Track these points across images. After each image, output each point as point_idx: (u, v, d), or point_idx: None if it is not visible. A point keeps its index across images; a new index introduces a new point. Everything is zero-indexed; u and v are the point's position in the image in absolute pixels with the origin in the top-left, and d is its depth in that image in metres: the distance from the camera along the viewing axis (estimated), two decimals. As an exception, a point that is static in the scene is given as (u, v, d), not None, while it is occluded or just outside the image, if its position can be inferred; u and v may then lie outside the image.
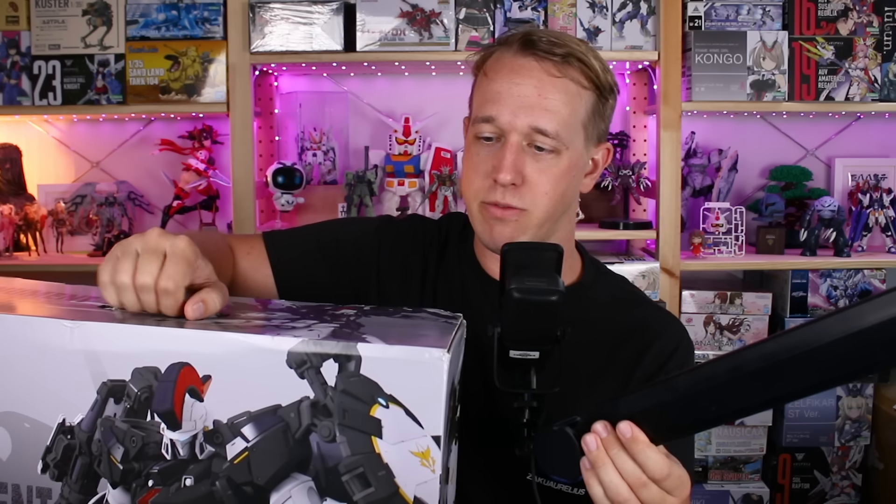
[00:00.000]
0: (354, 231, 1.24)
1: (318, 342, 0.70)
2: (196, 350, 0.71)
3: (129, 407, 0.72)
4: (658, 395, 0.78)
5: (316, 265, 1.20)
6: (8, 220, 2.32)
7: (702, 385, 0.74)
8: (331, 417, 0.69)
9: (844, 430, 2.40)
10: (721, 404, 0.73)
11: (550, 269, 0.85)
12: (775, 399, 0.70)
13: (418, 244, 1.22)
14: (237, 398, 0.70)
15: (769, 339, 0.69)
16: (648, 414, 0.78)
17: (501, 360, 0.86)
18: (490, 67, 1.10)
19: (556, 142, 1.06)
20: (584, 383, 1.07)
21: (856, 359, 0.64)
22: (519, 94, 1.05)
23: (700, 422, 0.78)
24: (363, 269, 1.20)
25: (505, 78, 1.07)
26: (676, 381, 0.77)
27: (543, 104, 1.05)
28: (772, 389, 0.69)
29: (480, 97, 1.10)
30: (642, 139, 2.50)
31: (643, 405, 0.78)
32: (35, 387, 0.73)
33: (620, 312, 1.17)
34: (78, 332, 0.72)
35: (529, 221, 1.08)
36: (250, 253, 1.19)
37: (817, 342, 0.64)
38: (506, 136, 1.06)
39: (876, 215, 2.36)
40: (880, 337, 0.62)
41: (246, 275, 1.17)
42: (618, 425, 0.79)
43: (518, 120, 1.05)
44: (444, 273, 1.20)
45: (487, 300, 1.12)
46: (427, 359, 0.69)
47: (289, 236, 1.24)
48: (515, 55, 1.08)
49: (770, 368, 0.68)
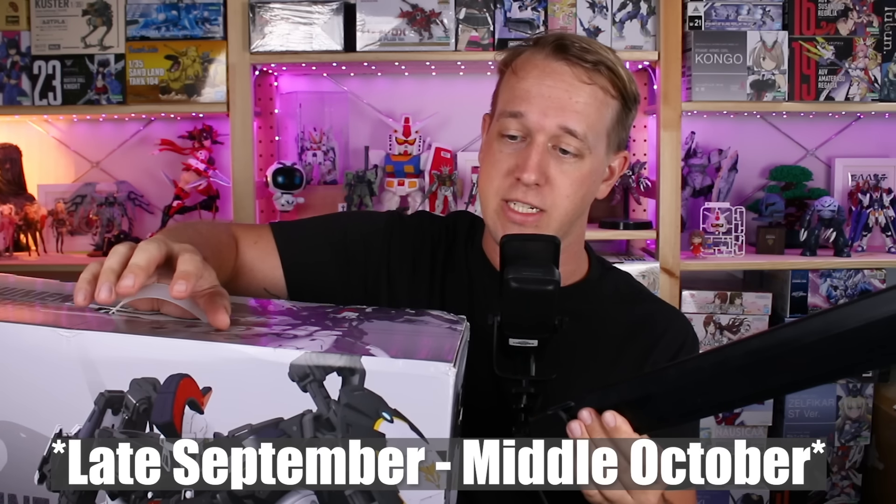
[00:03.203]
0: (364, 226, 1.24)
1: (321, 355, 0.69)
2: (196, 361, 0.71)
3: (127, 418, 0.71)
4: (647, 385, 0.81)
5: (326, 260, 1.19)
6: (8, 220, 2.31)
7: (689, 377, 0.77)
8: (334, 431, 0.69)
9: (844, 430, 2.40)
10: (707, 396, 0.76)
11: (547, 260, 0.87)
12: (759, 394, 0.74)
13: (427, 240, 1.23)
14: (238, 410, 0.70)
15: (755, 336, 0.71)
16: (637, 402, 0.81)
17: (501, 347, 0.89)
18: (520, 66, 1.12)
19: (582, 144, 1.07)
20: (592, 376, 1.08)
21: (836, 359, 0.66)
22: (549, 94, 1.07)
23: (687, 412, 0.81)
24: (373, 265, 1.20)
25: (536, 78, 1.09)
26: (665, 373, 0.79)
27: (573, 106, 1.07)
28: (756, 384, 0.71)
29: (509, 94, 1.11)
30: (642, 139, 2.50)
31: (633, 394, 0.81)
32: (31, 396, 0.73)
33: (627, 307, 1.20)
34: (75, 341, 0.71)
35: (549, 223, 1.10)
36: (258, 242, 1.18)
37: (800, 341, 0.66)
38: (532, 136, 1.08)
39: (876, 215, 2.36)
40: (860, 339, 0.63)
41: (252, 265, 1.16)
42: (603, 414, 0.81)
43: (547, 120, 1.07)
44: (452, 269, 1.21)
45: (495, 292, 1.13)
46: (433, 373, 0.68)
47: (298, 228, 1.24)
48: (547, 57, 1.10)
49: (754, 364, 0.70)
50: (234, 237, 1.17)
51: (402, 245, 1.22)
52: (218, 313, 0.76)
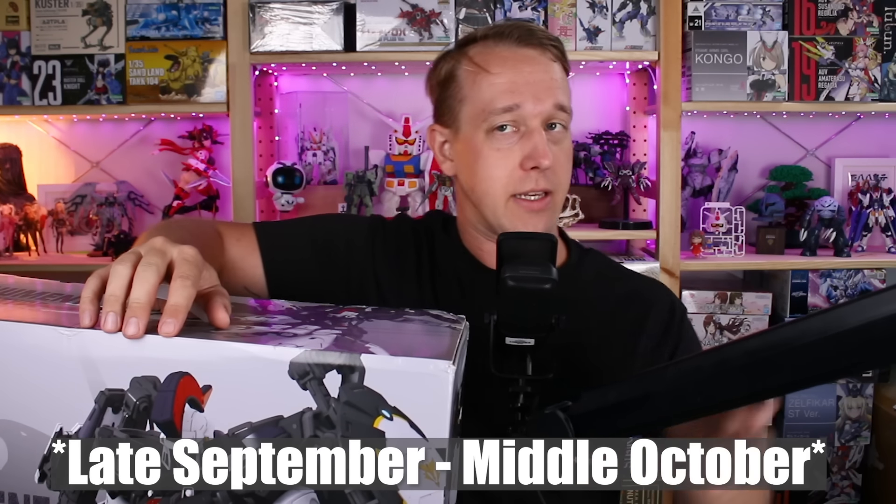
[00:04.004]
0: (347, 229, 1.24)
1: (320, 353, 0.69)
2: (196, 359, 0.71)
3: (127, 416, 0.71)
4: (646, 385, 0.80)
5: (307, 258, 1.19)
6: (8, 220, 2.32)
7: (688, 377, 0.76)
8: (333, 429, 0.69)
9: (844, 430, 2.40)
10: (706, 396, 0.76)
11: (544, 258, 0.87)
12: (759, 394, 0.74)
13: (410, 243, 1.23)
14: (238, 408, 0.70)
15: (755, 335, 0.71)
16: (636, 402, 0.80)
17: (498, 346, 0.88)
18: (487, 63, 1.13)
19: (568, 116, 1.13)
20: (588, 357, 1.11)
21: (836, 359, 0.66)
22: (534, 79, 1.11)
23: (686, 412, 0.80)
24: (356, 267, 1.20)
25: (512, 69, 1.11)
26: (664, 372, 0.79)
27: (556, 83, 1.12)
28: (755, 384, 0.71)
29: (489, 92, 1.12)
30: (642, 139, 2.50)
31: (631, 394, 0.81)
32: (32, 395, 0.73)
33: (610, 286, 1.23)
34: (75, 339, 0.71)
35: (555, 203, 1.14)
36: (240, 240, 1.18)
37: (799, 341, 0.66)
38: (526, 124, 1.10)
39: (876, 215, 2.36)
40: (860, 339, 0.63)
41: (235, 262, 1.16)
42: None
43: (541, 104, 1.10)
44: (439, 271, 1.21)
45: (488, 290, 1.13)
46: (432, 371, 0.68)
47: (281, 229, 1.24)
48: (517, 47, 1.13)
49: (754, 364, 0.70)
50: (219, 234, 1.17)
51: (386, 248, 1.22)
52: (218, 312, 0.76)
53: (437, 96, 1.20)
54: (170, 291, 0.73)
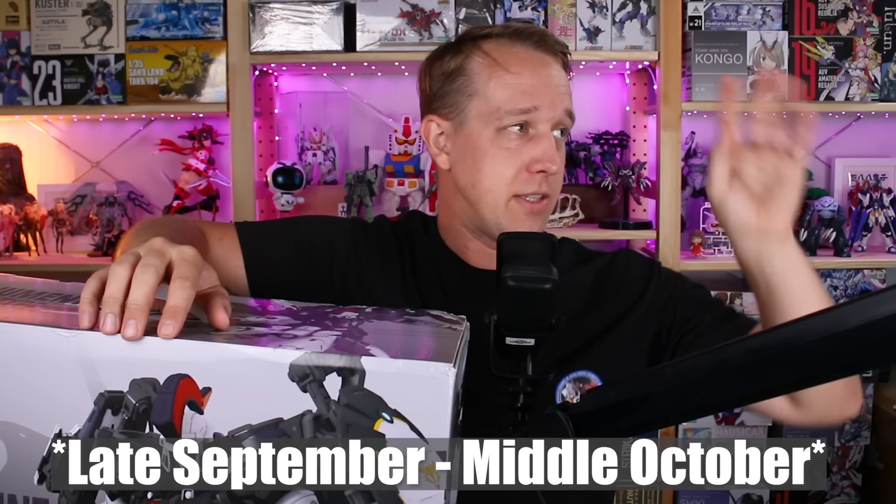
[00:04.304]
0: (330, 230, 1.24)
1: (320, 355, 0.69)
2: (195, 361, 0.70)
3: (127, 418, 0.71)
4: (645, 384, 0.80)
5: (289, 256, 1.19)
6: (8, 220, 2.32)
7: (688, 377, 0.76)
8: (334, 432, 0.69)
9: (844, 430, 2.40)
10: (706, 396, 0.75)
11: (545, 258, 0.87)
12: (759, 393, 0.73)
13: (392, 244, 1.23)
14: (238, 411, 0.70)
15: (755, 335, 0.71)
16: (636, 402, 0.80)
17: (498, 346, 0.88)
18: (505, 60, 1.13)
19: (573, 123, 1.16)
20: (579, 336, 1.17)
21: (836, 359, 0.65)
22: (551, 84, 1.13)
23: (686, 412, 0.80)
24: (339, 268, 1.20)
25: (531, 70, 1.13)
26: (664, 372, 0.79)
27: (567, 90, 1.15)
28: (755, 384, 0.71)
29: (507, 91, 1.12)
30: (642, 139, 2.50)
31: (631, 393, 0.81)
32: (31, 397, 0.72)
33: (584, 267, 1.25)
34: (74, 341, 0.71)
35: (550, 206, 1.16)
36: (223, 240, 1.18)
37: (799, 341, 0.66)
38: (536, 127, 1.12)
39: (876, 215, 2.36)
40: (860, 339, 0.63)
41: (217, 262, 1.15)
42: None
43: (555, 109, 1.12)
44: (421, 270, 1.21)
45: (473, 290, 1.15)
46: (433, 373, 0.68)
47: (263, 229, 1.24)
48: (534, 50, 1.14)
49: (754, 364, 0.70)
50: (202, 234, 1.16)
51: (370, 250, 1.22)
52: (218, 313, 0.76)
53: (440, 87, 1.18)
54: (169, 292, 0.73)
